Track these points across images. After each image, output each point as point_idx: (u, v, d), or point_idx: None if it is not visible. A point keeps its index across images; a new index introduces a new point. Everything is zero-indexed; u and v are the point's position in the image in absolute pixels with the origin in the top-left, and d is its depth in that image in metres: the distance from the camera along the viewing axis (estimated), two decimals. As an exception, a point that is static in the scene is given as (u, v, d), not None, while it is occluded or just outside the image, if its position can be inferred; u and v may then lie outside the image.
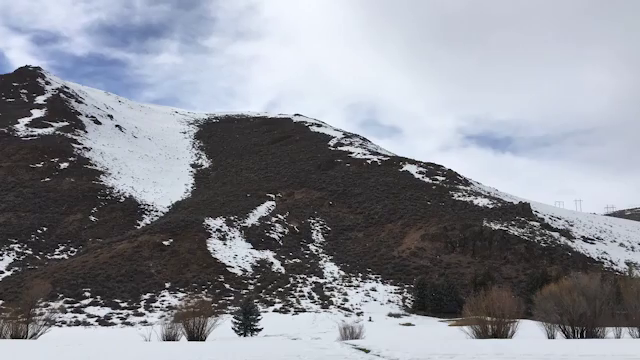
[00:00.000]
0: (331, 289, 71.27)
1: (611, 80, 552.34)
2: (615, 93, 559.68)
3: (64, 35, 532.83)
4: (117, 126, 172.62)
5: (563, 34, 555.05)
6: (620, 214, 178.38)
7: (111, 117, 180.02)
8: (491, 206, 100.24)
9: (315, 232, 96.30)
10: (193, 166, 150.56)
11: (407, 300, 68.42)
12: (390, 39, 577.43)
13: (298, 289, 70.77)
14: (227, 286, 71.13)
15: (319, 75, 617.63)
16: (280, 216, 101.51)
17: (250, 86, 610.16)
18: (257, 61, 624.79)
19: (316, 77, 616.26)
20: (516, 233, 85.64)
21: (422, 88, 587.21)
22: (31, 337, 34.70)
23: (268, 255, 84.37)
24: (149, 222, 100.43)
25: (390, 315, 62.02)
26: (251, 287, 71.28)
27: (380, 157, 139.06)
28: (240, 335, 45.58)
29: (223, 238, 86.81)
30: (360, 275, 77.13)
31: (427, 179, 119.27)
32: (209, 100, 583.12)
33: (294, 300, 66.60)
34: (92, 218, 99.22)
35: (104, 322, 57.62)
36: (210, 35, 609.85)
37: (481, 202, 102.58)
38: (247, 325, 46.17)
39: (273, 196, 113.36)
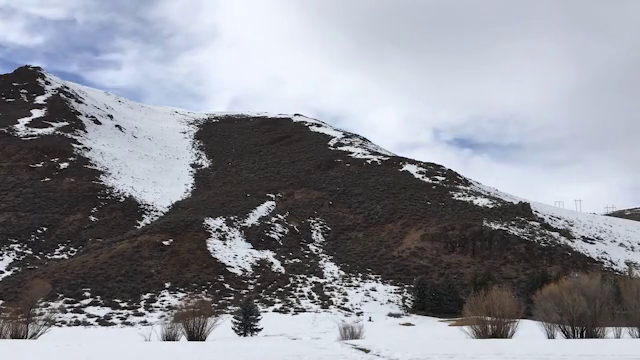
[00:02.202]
0: (331, 289, 71.27)
1: (556, 77, 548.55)
2: (559, 90, 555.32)
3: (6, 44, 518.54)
4: (117, 126, 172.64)
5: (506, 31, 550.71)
6: (620, 214, 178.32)
7: (111, 117, 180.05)
8: (491, 206, 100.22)
9: (315, 232, 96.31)
10: (193, 166, 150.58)
11: (407, 300, 68.42)
12: (336, 41, 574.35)
13: (298, 289, 70.78)
14: (227, 286, 71.13)
15: (274, 78, 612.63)
16: (280, 216, 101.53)
17: (208, 88, 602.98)
18: (211, 65, 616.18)
19: (271, 80, 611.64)
20: (516, 233, 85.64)
21: (375, 89, 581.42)
22: (31, 337, 34.72)
23: (268, 255, 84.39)
24: (149, 222, 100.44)
25: (390, 315, 62.03)
26: (251, 287, 71.29)
27: (380, 157, 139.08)
28: (240, 335, 45.62)
29: (223, 238, 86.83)
30: (360, 275, 77.14)
31: (427, 179, 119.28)
32: (171, 100, 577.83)
33: (294, 300, 66.61)
34: (92, 218, 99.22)
35: (104, 322, 57.61)
36: (161, 42, 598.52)
37: (481, 202, 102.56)
38: (247, 325, 46.21)
39: (273, 196, 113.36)
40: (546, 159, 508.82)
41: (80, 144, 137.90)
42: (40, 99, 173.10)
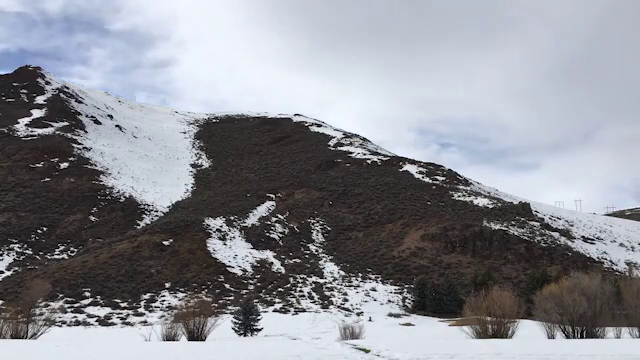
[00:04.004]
0: (331, 289, 71.27)
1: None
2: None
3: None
4: (117, 126, 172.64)
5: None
6: (620, 214, 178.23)
7: (111, 117, 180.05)
8: (491, 206, 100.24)
9: (315, 232, 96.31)
10: (193, 166, 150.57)
11: (407, 300, 68.43)
12: (291, 41, 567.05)
13: (298, 289, 70.78)
14: (227, 286, 71.14)
15: (239, 78, 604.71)
16: (280, 216, 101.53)
17: (174, 88, 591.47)
18: (175, 66, 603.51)
19: (236, 79, 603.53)
20: (516, 233, 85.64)
21: (332, 88, 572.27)
22: (31, 337, 34.73)
23: (268, 255, 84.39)
24: (149, 222, 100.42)
25: (390, 315, 62.03)
26: (251, 287, 71.29)
27: (380, 157, 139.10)
28: (240, 335, 45.61)
29: (223, 238, 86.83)
30: (360, 275, 77.13)
31: (427, 179, 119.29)
32: (141, 98, 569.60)
33: (294, 300, 66.61)
34: (92, 218, 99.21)
35: (104, 322, 57.61)
36: (117, 41, 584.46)
37: (481, 202, 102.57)
38: (247, 325, 46.19)
39: (273, 196, 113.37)
40: (513, 162, 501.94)
41: (80, 144, 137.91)
42: (40, 99, 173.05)
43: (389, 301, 68.30)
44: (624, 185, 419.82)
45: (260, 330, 46.52)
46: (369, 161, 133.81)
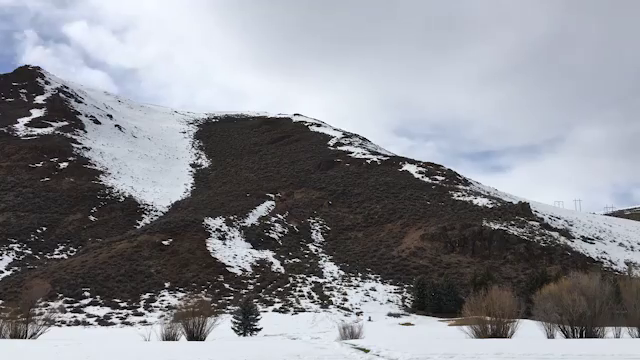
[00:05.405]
0: (331, 289, 71.26)
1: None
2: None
3: None
4: (117, 126, 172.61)
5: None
6: (619, 214, 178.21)
7: (110, 117, 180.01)
8: (490, 206, 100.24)
9: (315, 232, 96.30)
10: (193, 166, 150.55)
11: (407, 300, 68.42)
12: (257, 42, 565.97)
13: (298, 289, 70.77)
14: (227, 286, 71.12)
15: (209, 80, 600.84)
16: (280, 216, 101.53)
17: (148, 92, 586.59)
18: (147, 70, 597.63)
19: (205, 81, 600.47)
20: (515, 233, 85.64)
21: (296, 88, 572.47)
22: (30, 337, 34.70)
23: (268, 255, 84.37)
24: (149, 222, 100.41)
25: (390, 315, 62.02)
26: (251, 287, 71.28)
27: (380, 157, 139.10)
28: (240, 335, 45.58)
29: (223, 238, 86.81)
30: (360, 275, 77.14)
31: (427, 179, 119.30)
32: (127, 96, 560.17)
33: (294, 300, 66.60)
34: (92, 218, 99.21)
35: (103, 322, 57.61)
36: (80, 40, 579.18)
37: (480, 202, 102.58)
38: (247, 325, 46.16)
39: (273, 196, 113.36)
40: (485, 164, 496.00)
41: (80, 144, 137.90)
42: (40, 99, 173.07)
43: (389, 301, 68.30)
44: (600, 187, 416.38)
45: (260, 330, 46.50)
46: (369, 161, 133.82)
